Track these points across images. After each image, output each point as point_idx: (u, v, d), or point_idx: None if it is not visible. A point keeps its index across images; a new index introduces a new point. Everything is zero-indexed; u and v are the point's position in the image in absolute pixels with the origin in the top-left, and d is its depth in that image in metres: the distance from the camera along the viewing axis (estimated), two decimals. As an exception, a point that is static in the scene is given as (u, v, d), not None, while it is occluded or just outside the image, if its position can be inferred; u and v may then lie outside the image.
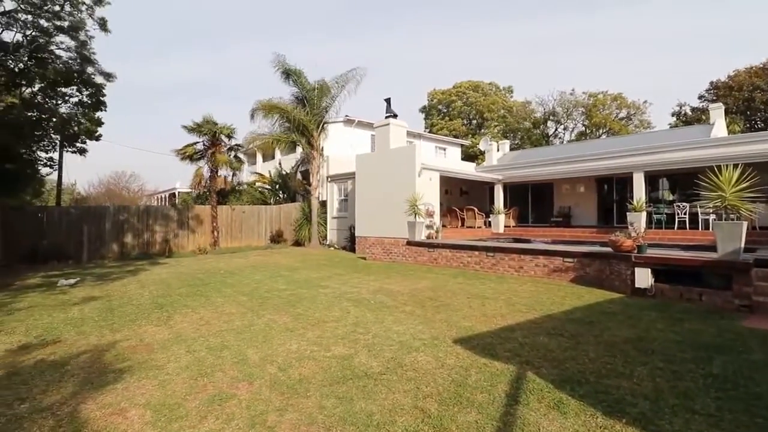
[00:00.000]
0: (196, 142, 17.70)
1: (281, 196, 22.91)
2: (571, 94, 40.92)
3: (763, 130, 24.95)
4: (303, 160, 19.98)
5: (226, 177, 18.81)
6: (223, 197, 20.68)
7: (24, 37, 13.83)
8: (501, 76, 79.83)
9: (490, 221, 17.31)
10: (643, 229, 10.38)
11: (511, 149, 25.35)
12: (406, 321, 5.60)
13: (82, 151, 19.27)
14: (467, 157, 33.44)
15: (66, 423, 2.95)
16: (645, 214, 12.62)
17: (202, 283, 9.06)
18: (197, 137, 17.62)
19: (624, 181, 15.34)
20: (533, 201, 19.13)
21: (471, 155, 34.97)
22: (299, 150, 21.45)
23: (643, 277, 7.03)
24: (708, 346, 4.35)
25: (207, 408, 3.15)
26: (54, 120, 16.33)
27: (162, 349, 4.60)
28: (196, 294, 7.84)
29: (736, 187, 6.44)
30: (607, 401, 3.10)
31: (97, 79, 16.37)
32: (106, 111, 18.08)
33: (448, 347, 4.46)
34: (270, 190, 23.73)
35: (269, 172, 24.69)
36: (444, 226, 15.08)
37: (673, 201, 14.31)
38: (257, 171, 27.92)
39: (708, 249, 8.00)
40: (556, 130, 43.18)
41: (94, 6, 14.49)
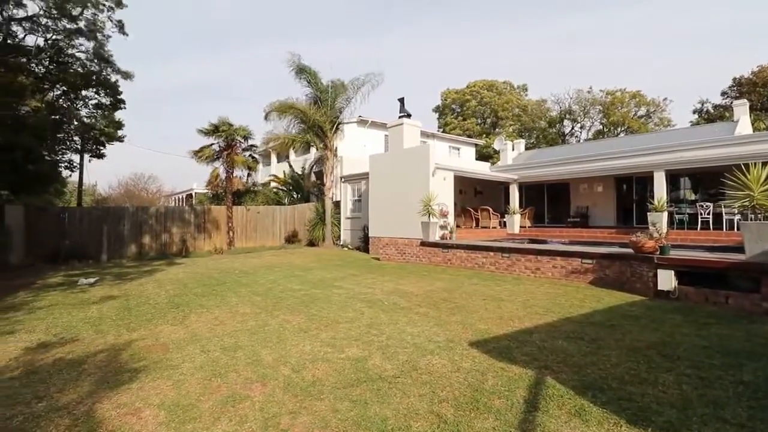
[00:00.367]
0: (211, 144, 17.94)
1: (295, 196, 23.04)
2: (588, 92, 40.25)
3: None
4: (317, 161, 20.09)
5: (241, 178, 19.03)
6: (238, 198, 20.91)
7: (46, 41, 14.21)
8: (516, 75, 79.18)
9: (505, 222, 17.06)
10: (665, 229, 10.09)
11: (527, 148, 24.97)
12: (420, 323, 5.52)
13: (99, 155, 19.75)
14: (481, 157, 33.12)
15: (81, 423, 2.97)
16: (666, 215, 12.26)
17: (217, 283, 9.13)
18: (213, 139, 17.86)
19: (644, 180, 14.96)
20: (549, 201, 18.82)
21: (484, 155, 34.62)
22: (313, 151, 21.60)
23: (666, 280, 6.81)
24: (737, 351, 4.16)
25: (220, 409, 3.13)
26: (75, 123, 16.75)
27: (177, 348, 4.62)
28: (212, 294, 7.90)
29: (765, 185, 6.19)
30: (631, 409, 2.97)
31: (115, 78, 16.78)
32: (125, 108, 18.49)
33: (464, 350, 4.37)
34: (284, 190, 23.90)
35: (283, 172, 24.88)
36: (458, 227, 14.92)
37: (696, 201, 13.90)
38: (272, 172, 28.17)
39: (733, 250, 7.74)
40: (573, 128, 42.51)
41: (115, 7, 14.82)
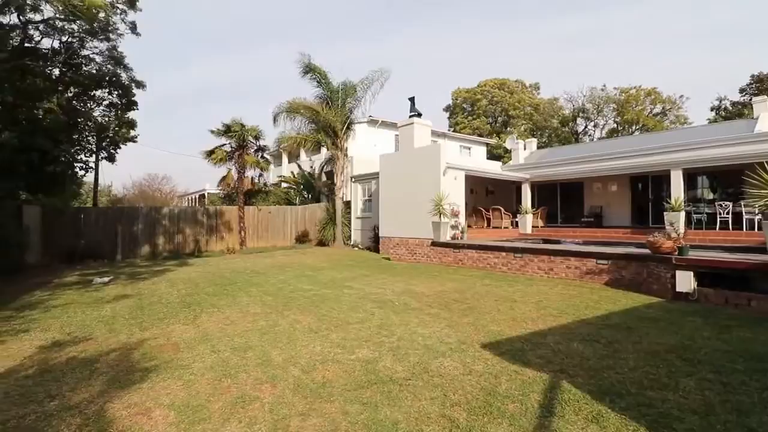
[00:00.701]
0: (223, 144, 18.09)
1: (306, 196, 23.12)
2: (602, 89, 39.61)
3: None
4: (328, 161, 20.09)
5: (252, 178, 19.15)
6: (250, 198, 21.04)
7: (60, 44, 14.45)
8: (528, 73, 78.49)
9: (517, 221, 16.86)
10: (682, 229, 9.84)
11: (539, 147, 24.66)
12: (431, 324, 5.45)
13: (111, 158, 20.07)
14: (492, 156, 32.79)
15: (92, 422, 2.97)
16: (683, 214, 11.96)
17: (228, 283, 9.17)
18: (225, 140, 18.00)
19: (660, 179, 14.64)
20: (562, 200, 18.52)
21: (495, 155, 34.31)
22: (324, 151, 21.61)
23: (685, 281, 6.62)
24: (762, 356, 4.00)
25: (230, 410, 3.11)
26: (89, 124, 17.02)
27: (188, 348, 4.63)
28: (223, 294, 7.93)
29: (789, 184, 5.99)
30: (651, 415, 2.86)
31: (127, 81, 16.98)
32: (137, 109, 18.76)
33: (476, 352, 4.29)
34: (295, 190, 24.00)
35: (293, 173, 24.98)
36: (469, 227, 14.78)
37: (714, 200, 13.54)
38: (282, 173, 28.32)
39: (754, 251, 7.52)
40: (586, 127, 41.88)
41: (128, 10, 15.02)
